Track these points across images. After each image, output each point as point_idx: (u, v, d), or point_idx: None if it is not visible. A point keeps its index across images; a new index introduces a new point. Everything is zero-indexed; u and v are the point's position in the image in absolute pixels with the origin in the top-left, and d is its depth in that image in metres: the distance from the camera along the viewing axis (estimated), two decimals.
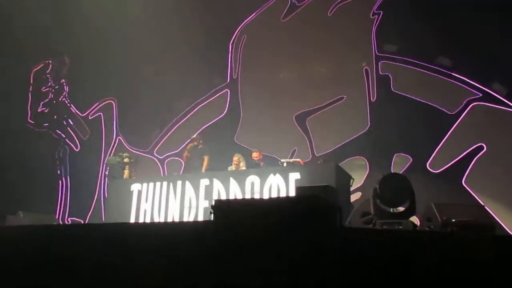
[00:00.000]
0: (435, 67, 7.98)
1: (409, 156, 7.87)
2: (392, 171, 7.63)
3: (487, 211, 4.68)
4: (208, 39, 9.63)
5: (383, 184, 4.11)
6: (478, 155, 7.46)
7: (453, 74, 7.85)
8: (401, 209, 4.22)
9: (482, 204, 6.17)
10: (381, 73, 8.54)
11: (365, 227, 4.13)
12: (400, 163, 7.83)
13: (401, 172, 7.18)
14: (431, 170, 7.69)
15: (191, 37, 9.52)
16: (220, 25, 9.90)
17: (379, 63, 8.59)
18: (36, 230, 4.08)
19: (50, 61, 11.60)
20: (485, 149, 7.44)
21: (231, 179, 6.52)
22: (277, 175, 6.24)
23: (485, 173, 7.33)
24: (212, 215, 2.82)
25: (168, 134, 10.12)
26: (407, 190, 4.18)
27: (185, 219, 6.52)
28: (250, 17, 9.95)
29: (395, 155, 7.92)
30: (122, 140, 10.40)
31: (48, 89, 11.52)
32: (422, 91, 7.99)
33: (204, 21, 9.55)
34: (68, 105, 11.29)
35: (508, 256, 3.03)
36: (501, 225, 6.68)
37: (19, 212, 7.06)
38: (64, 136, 11.11)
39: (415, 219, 4.77)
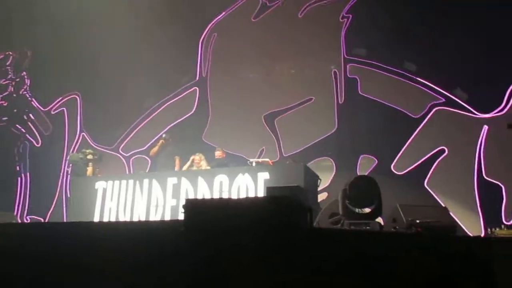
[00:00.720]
0: (401, 72, 8.20)
1: (374, 158, 8.04)
2: (358, 173, 7.80)
3: (449, 212, 4.83)
4: (178, 36, 9.51)
5: (353, 185, 4.18)
6: (440, 158, 7.72)
7: (418, 79, 8.08)
8: (367, 210, 4.30)
9: (444, 206, 6.38)
10: (349, 76, 8.69)
11: (333, 227, 4.19)
12: (365, 165, 8.00)
13: (366, 174, 7.33)
14: (395, 172, 7.89)
15: (161, 34, 9.39)
16: (191, 22, 9.81)
17: (348, 66, 8.74)
18: None
19: (11, 53, 11.13)
20: (446, 152, 7.70)
21: (200, 178, 6.46)
22: (246, 174, 6.23)
23: (446, 175, 7.60)
24: (183, 214, 2.77)
25: (135, 131, 9.92)
26: (375, 192, 4.27)
27: (152, 218, 6.41)
28: (220, 16, 9.90)
29: (361, 156, 8.08)
30: (86, 137, 10.12)
31: (8, 81, 11.05)
32: (388, 94, 8.20)
33: (174, 18, 9.43)
34: (29, 99, 10.88)
35: (467, 255, 3.15)
36: (460, 226, 6.93)
37: None
38: (24, 131, 10.69)
39: (379, 220, 4.87)
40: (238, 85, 9.33)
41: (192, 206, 2.72)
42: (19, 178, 10.27)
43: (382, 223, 4.86)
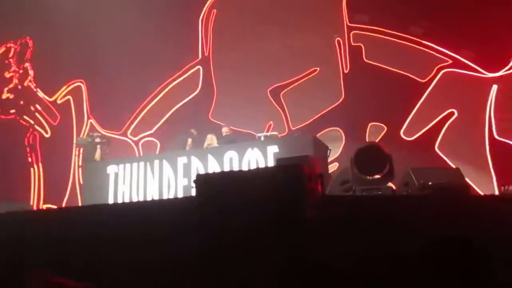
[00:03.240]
0: (406, 36, 8.05)
1: (383, 125, 7.99)
2: (367, 141, 7.76)
3: (461, 173, 4.81)
4: (179, 16, 9.42)
5: (359, 154, 4.18)
6: (450, 121, 7.65)
7: (423, 41, 7.94)
8: (377, 176, 4.29)
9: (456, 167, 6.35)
10: (353, 44, 8.56)
11: (345, 194, 4.20)
12: (375, 133, 7.95)
13: (376, 141, 7.30)
14: (405, 138, 7.85)
15: (161, 14, 9.29)
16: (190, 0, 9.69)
17: (351, 34, 8.60)
18: (10, 217, 3.97)
19: (12, 45, 11.10)
20: (456, 114, 7.62)
21: (209, 156, 6.49)
22: (255, 149, 6.24)
23: (457, 138, 7.55)
24: (194, 189, 2.79)
25: (142, 114, 9.93)
26: (383, 158, 4.25)
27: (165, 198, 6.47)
28: None
29: (370, 124, 8.03)
30: (94, 123, 10.15)
31: (12, 74, 11.06)
32: (393, 60, 8.08)
33: None
34: (35, 90, 10.90)
35: (482, 215, 3.14)
36: (472, 187, 6.90)
37: None
38: (33, 122, 10.76)
39: (391, 185, 4.87)
40: (241, 61, 9.23)
41: (203, 180, 2.73)
42: (31, 169, 10.38)
43: (394, 187, 4.86)
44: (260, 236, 2.46)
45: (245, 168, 6.22)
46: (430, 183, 3.97)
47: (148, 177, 6.80)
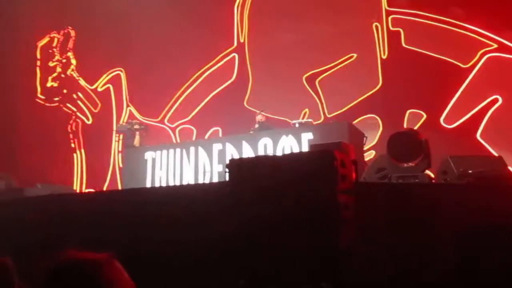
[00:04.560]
0: (447, 19, 7.74)
1: (422, 112, 7.76)
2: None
3: (504, 162, 4.61)
4: (213, 3, 9.46)
5: (393, 140, 4.09)
6: (493, 108, 7.33)
7: (466, 25, 7.61)
8: (412, 164, 4.18)
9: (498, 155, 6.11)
10: (391, 29, 8.32)
11: (380, 181, 4.12)
12: (413, 120, 7.74)
13: (415, 128, 7.11)
14: (445, 126, 7.60)
15: (197, 3, 9.36)
16: None
17: (389, 18, 8.36)
18: (56, 198, 4.17)
19: (55, 35, 11.50)
20: (500, 101, 7.29)
21: (244, 143, 6.52)
22: (290, 136, 6.23)
23: (501, 126, 7.23)
24: (227, 174, 2.82)
25: (178, 102, 10.08)
26: (418, 145, 4.13)
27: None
28: None
29: (408, 111, 7.82)
30: (133, 110, 10.41)
31: (55, 63, 11.47)
32: (434, 45, 7.79)
33: None
34: (77, 78, 11.26)
35: None
36: None
37: (37, 185, 7.15)
38: (75, 109, 11.15)
39: (429, 173, 4.74)
40: (276, 48, 9.18)
41: (236, 165, 2.75)
42: (74, 154, 10.79)
43: (432, 176, 4.73)
44: (291, 220, 2.47)
45: (279, 154, 6.22)
46: (470, 171, 3.83)
47: (184, 163, 6.92)
